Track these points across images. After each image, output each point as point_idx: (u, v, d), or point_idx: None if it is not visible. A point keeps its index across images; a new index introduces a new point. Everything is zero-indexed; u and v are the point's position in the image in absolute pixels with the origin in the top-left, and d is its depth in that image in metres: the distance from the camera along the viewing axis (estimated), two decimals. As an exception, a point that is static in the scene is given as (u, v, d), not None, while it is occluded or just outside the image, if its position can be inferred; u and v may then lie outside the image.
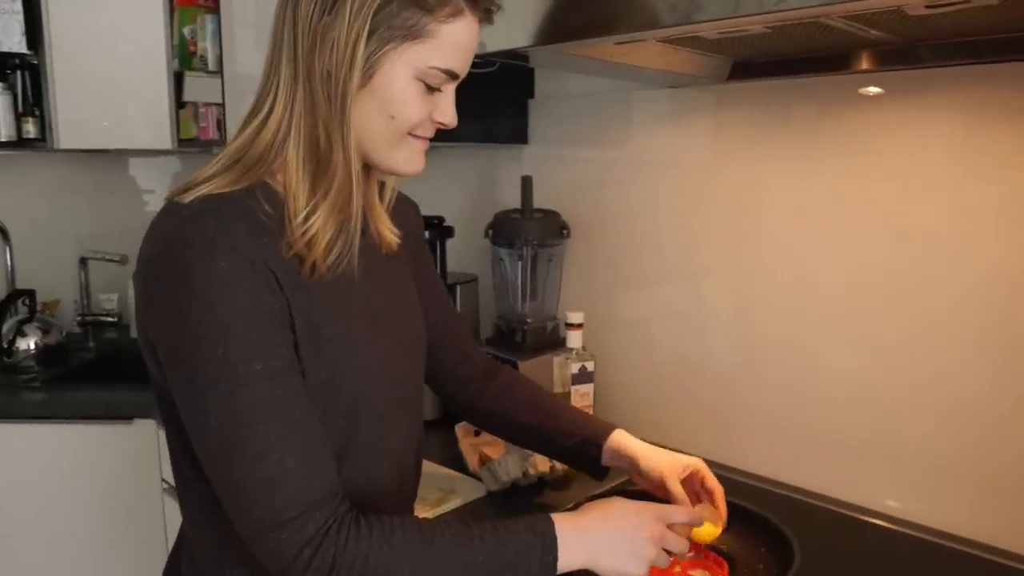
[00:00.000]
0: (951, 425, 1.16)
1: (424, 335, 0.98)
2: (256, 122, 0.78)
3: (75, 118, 2.10)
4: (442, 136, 1.62)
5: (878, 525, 1.21)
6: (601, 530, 0.80)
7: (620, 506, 0.84)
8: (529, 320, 1.58)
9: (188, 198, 0.73)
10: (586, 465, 1.10)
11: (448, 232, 1.67)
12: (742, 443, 1.42)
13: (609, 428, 1.09)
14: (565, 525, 0.78)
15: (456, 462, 1.39)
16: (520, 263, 1.55)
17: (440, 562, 0.73)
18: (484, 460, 1.31)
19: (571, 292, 1.64)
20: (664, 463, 1.02)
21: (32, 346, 2.12)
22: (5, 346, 2.10)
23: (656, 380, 1.55)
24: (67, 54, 2.07)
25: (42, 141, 2.14)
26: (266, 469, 0.69)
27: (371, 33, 0.73)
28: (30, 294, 2.19)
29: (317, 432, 0.74)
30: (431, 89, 0.78)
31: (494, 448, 1.32)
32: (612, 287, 1.60)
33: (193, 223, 0.70)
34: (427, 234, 1.64)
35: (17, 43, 2.05)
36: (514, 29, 1.00)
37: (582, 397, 1.39)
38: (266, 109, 0.77)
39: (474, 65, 1.49)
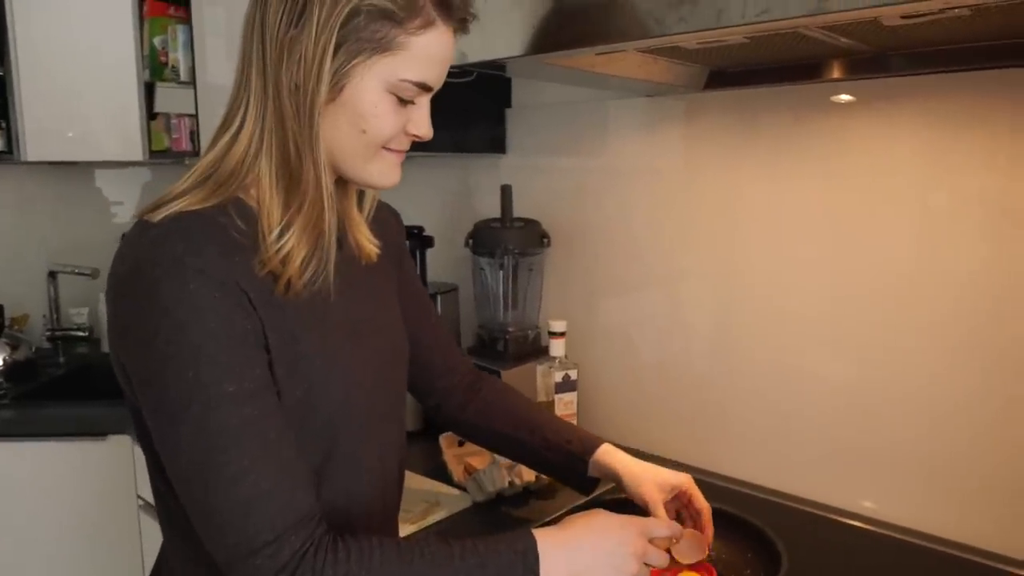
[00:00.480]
0: (937, 428, 1.18)
1: (405, 346, 0.97)
2: (227, 136, 0.76)
3: (43, 130, 2.07)
4: (420, 146, 1.62)
5: (862, 528, 1.22)
6: (583, 546, 0.78)
7: (602, 520, 0.82)
8: (511, 329, 1.58)
9: (158, 216, 0.71)
10: (572, 479, 1.10)
11: (428, 242, 1.67)
12: (724, 448, 1.43)
13: (596, 442, 1.08)
14: (547, 541, 0.77)
15: (440, 473, 1.39)
16: (501, 272, 1.55)
17: None
18: (469, 471, 1.30)
19: (552, 300, 1.65)
20: (647, 487, 0.99)
21: (0, 362, 2.07)
22: (-28, 363, 2.05)
23: (637, 387, 1.56)
24: (34, 65, 2.04)
25: (8, 153, 2.10)
26: (240, 492, 0.67)
27: (338, 46, 0.71)
28: (-3, 309, 2.14)
29: (292, 454, 0.72)
30: (403, 102, 0.76)
31: (479, 458, 1.32)
32: (592, 295, 1.61)
33: (162, 242, 0.69)
34: (407, 243, 1.63)
35: (-18, 55, 2.00)
36: (495, 39, 1.01)
37: (566, 405, 1.39)
38: (237, 123, 0.76)
39: (451, 75, 1.49)
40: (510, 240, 1.54)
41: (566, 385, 1.38)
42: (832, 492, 1.30)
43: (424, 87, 0.76)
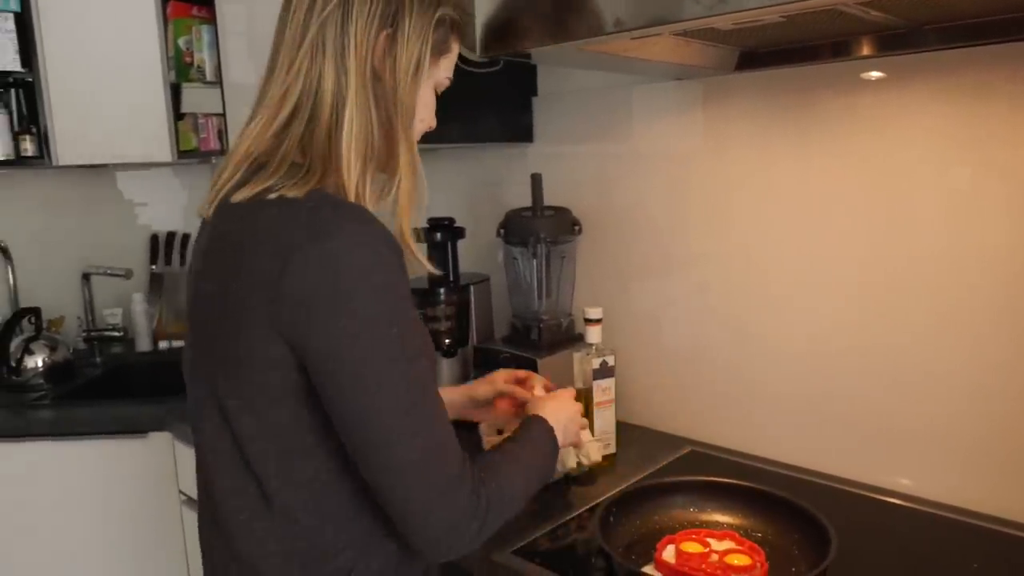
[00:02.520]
0: (974, 404, 1.17)
1: None
2: (300, 127, 0.80)
3: (72, 134, 2.09)
4: (448, 137, 1.63)
5: (902, 506, 1.22)
6: (560, 418, 1.06)
7: (556, 399, 1.12)
8: (544, 317, 1.58)
9: (299, 193, 0.76)
10: None
11: (459, 233, 1.67)
12: (763, 430, 1.43)
13: None
14: (547, 420, 1.02)
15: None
16: (534, 261, 1.55)
17: (522, 471, 0.90)
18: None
19: (583, 287, 1.65)
20: (487, 381, 1.27)
21: (40, 364, 2.11)
22: (13, 364, 2.08)
23: (672, 371, 1.56)
24: (61, 71, 2.06)
25: (40, 158, 2.13)
26: (438, 433, 0.77)
27: (427, 48, 0.84)
28: (35, 312, 2.17)
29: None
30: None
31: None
32: (624, 281, 1.61)
33: (341, 211, 0.75)
34: (438, 236, 1.64)
35: (11, 61, 2.03)
36: (529, 27, 1.01)
37: (604, 392, 1.39)
38: (310, 115, 0.80)
39: (478, 64, 1.49)
40: (542, 228, 1.54)
41: (604, 372, 1.38)
42: (869, 470, 1.29)
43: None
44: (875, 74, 1.22)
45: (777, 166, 1.35)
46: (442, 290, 1.64)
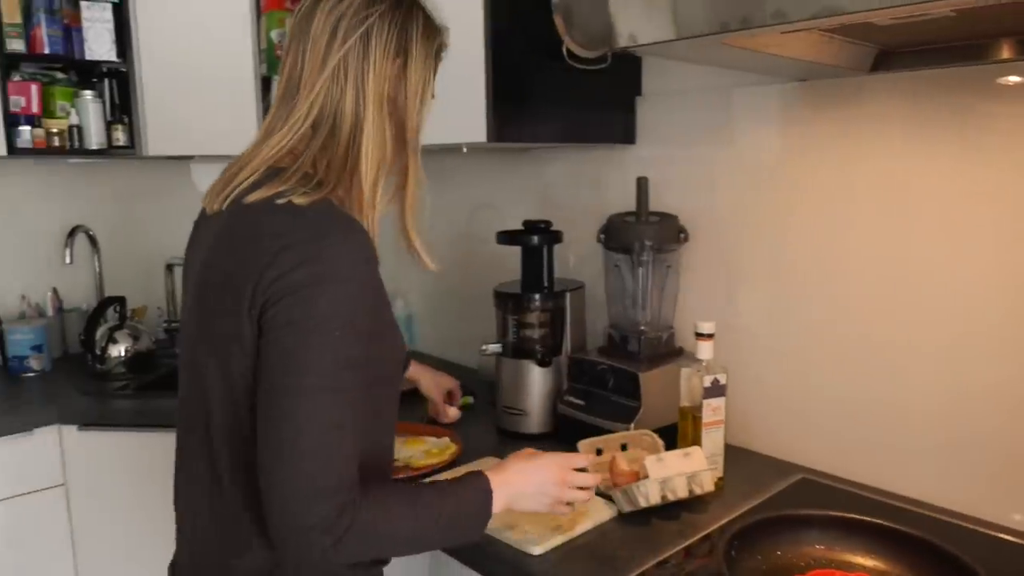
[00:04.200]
0: None
1: None
2: (320, 140, 0.91)
3: (163, 125, 2.09)
4: (547, 137, 1.56)
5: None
6: (519, 481, 1.00)
7: (531, 459, 1.04)
8: (644, 329, 1.50)
9: (303, 200, 0.85)
10: None
11: (556, 237, 1.60)
12: (888, 461, 1.32)
13: (408, 360, 1.38)
14: (494, 480, 0.97)
15: (577, 479, 1.32)
16: (639, 269, 1.47)
17: (419, 517, 0.88)
18: (617, 482, 1.23)
19: (688, 299, 1.56)
20: (433, 391, 1.66)
21: (123, 352, 2.12)
22: (98, 352, 2.10)
23: (782, 392, 1.46)
24: (155, 61, 2.06)
25: (131, 148, 2.14)
26: (329, 440, 0.80)
27: (433, 71, 0.98)
28: (120, 301, 2.19)
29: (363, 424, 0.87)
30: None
31: (626, 473, 1.24)
32: (732, 293, 1.51)
33: (326, 220, 0.84)
34: (535, 239, 1.58)
35: (107, 51, 2.04)
36: (673, 18, 0.93)
37: (714, 412, 1.30)
38: (329, 132, 0.91)
39: (583, 61, 1.42)
40: (647, 235, 1.46)
41: (715, 390, 1.29)
42: (1015, 512, 1.17)
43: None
44: (1013, 79, 1.12)
45: (917, 175, 1.24)
46: (536, 297, 1.57)
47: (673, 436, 1.37)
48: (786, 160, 1.41)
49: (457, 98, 1.45)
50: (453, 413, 1.65)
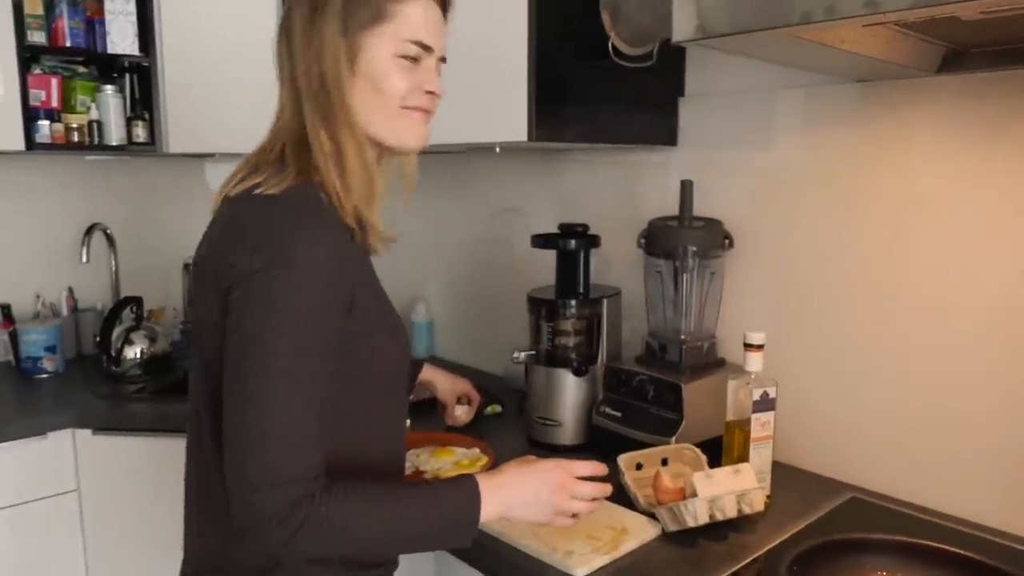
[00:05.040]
0: None
1: None
2: (275, 131, 0.92)
3: (185, 122, 2.05)
4: (586, 138, 1.50)
5: None
6: (514, 487, 0.94)
7: (530, 464, 0.98)
8: (685, 338, 1.44)
9: (274, 190, 0.85)
10: None
11: (594, 241, 1.54)
12: (945, 482, 1.26)
13: (418, 366, 1.48)
14: (485, 484, 0.91)
15: (619, 496, 1.26)
16: (683, 276, 1.41)
17: (392, 518, 0.85)
18: (661, 500, 1.17)
19: (732, 308, 1.50)
20: (447, 394, 1.57)
21: (138, 354, 2.07)
22: (113, 354, 2.04)
23: (832, 407, 1.39)
24: (178, 57, 2.02)
25: (151, 145, 2.09)
26: (277, 430, 0.79)
27: (346, 26, 0.87)
28: (137, 301, 2.14)
29: (321, 417, 0.82)
30: (411, 61, 0.91)
31: (671, 490, 1.18)
32: (779, 303, 1.45)
33: (291, 213, 0.83)
34: (572, 243, 1.52)
35: (130, 45, 2.00)
36: (741, 6, 0.87)
37: (763, 427, 1.24)
38: (283, 121, 0.91)
39: (628, 59, 1.36)
40: (691, 240, 1.40)
41: (764, 404, 1.23)
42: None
43: (423, 46, 0.91)
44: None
45: (978, 181, 1.18)
46: (572, 303, 1.51)
47: (715, 451, 1.31)
48: (839, 165, 1.35)
49: (495, 96, 1.40)
50: (460, 413, 1.58)
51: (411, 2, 0.90)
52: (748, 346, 1.24)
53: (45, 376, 2.06)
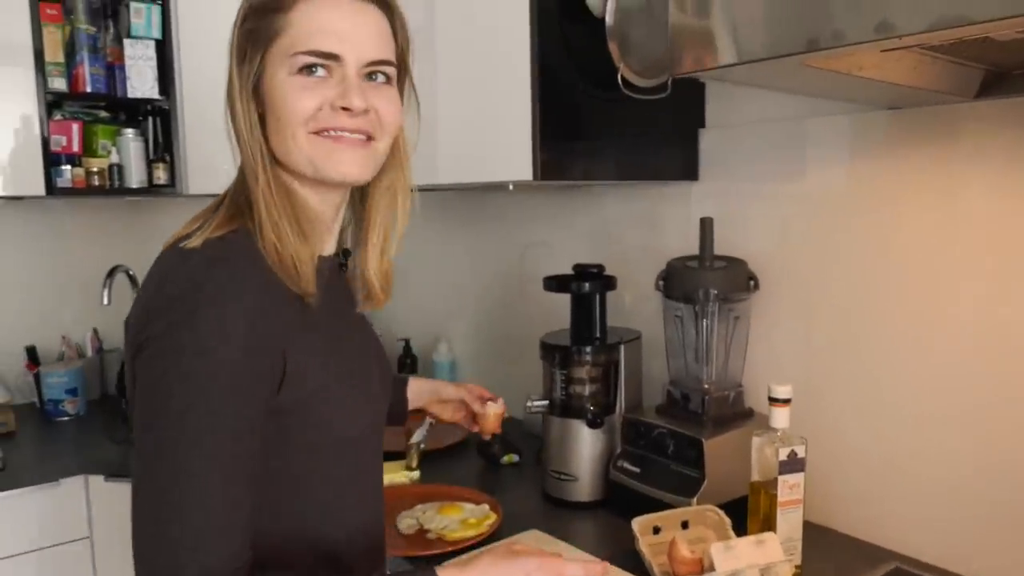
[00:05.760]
0: None
1: (391, 376, 1.02)
2: (236, 172, 0.83)
3: (204, 163, 2.04)
4: (601, 173, 1.43)
5: None
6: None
7: (511, 558, 0.82)
8: (708, 387, 1.34)
9: (196, 243, 0.74)
10: (394, 421, 1.19)
11: (609, 283, 1.45)
12: (1004, 551, 1.12)
13: (404, 379, 1.25)
14: (447, 573, 0.78)
15: (630, 561, 1.16)
16: (703, 321, 1.31)
17: None
18: (678, 570, 1.07)
19: (759, 355, 1.39)
20: (456, 385, 1.29)
21: (158, 399, 2.04)
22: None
23: (871, 466, 1.27)
24: (197, 100, 2.01)
25: (171, 187, 2.08)
26: (189, 519, 0.69)
27: (242, 55, 0.78)
28: (157, 344, 2.11)
29: (244, 500, 0.73)
30: (311, 74, 0.78)
31: (685, 560, 1.07)
32: (810, 349, 1.34)
33: (204, 270, 0.72)
34: (586, 286, 1.43)
35: (150, 89, 2.00)
36: (750, 37, 0.79)
37: (791, 490, 1.12)
38: (238, 160, 0.82)
39: (640, 91, 1.28)
40: (712, 282, 1.30)
41: (792, 465, 1.12)
42: None
43: (323, 55, 0.77)
44: None
45: (1031, 217, 1.07)
46: (587, 349, 1.42)
47: (742, 512, 1.19)
48: (872, 199, 1.24)
49: (500, 133, 1.34)
50: (493, 411, 1.27)
51: (303, 5, 0.77)
52: (773, 400, 1.13)
53: (67, 419, 2.05)
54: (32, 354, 2.16)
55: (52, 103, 1.92)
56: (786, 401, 1.12)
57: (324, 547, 0.84)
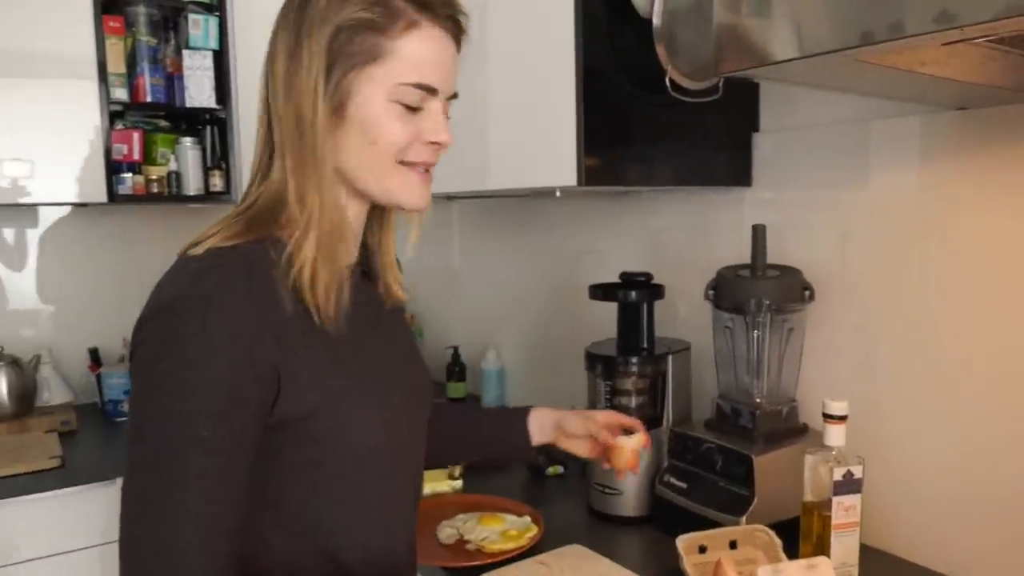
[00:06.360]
0: None
1: (431, 386, 0.98)
2: (259, 180, 0.80)
3: (259, 170, 2.07)
4: (649, 180, 1.39)
5: None
6: None
7: None
8: (760, 401, 1.28)
9: (199, 251, 0.73)
10: (518, 454, 1.17)
11: (657, 292, 1.41)
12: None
13: (526, 409, 1.13)
14: None
15: (674, 581, 1.12)
16: (754, 332, 1.25)
17: None
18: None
19: (813, 368, 1.32)
20: (584, 416, 1.12)
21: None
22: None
23: (939, 488, 1.19)
24: (254, 109, 2.04)
25: (226, 194, 2.13)
26: (163, 536, 0.68)
27: (330, 67, 0.74)
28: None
29: (229, 521, 0.71)
30: (411, 109, 0.77)
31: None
32: (869, 364, 1.27)
33: (196, 279, 0.71)
34: (633, 294, 1.39)
35: (207, 98, 2.05)
36: (809, 32, 0.74)
37: (846, 512, 1.06)
38: (264, 166, 0.79)
39: (690, 94, 1.24)
40: (765, 292, 1.24)
41: (848, 485, 1.06)
42: None
43: (426, 88, 0.77)
44: None
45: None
46: (633, 360, 1.38)
47: (794, 533, 1.13)
48: (939, 205, 1.17)
49: (546, 138, 1.31)
50: (629, 444, 1.09)
51: (411, 36, 0.75)
52: (828, 417, 1.07)
53: (125, 419, 2.10)
54: (95, 355, 2.22)
55: (114, 113, 1.98)
56: (842, 418, 1.06)
57: (337, 566, 0.81)
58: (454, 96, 0.82)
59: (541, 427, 1.12)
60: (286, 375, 0.72)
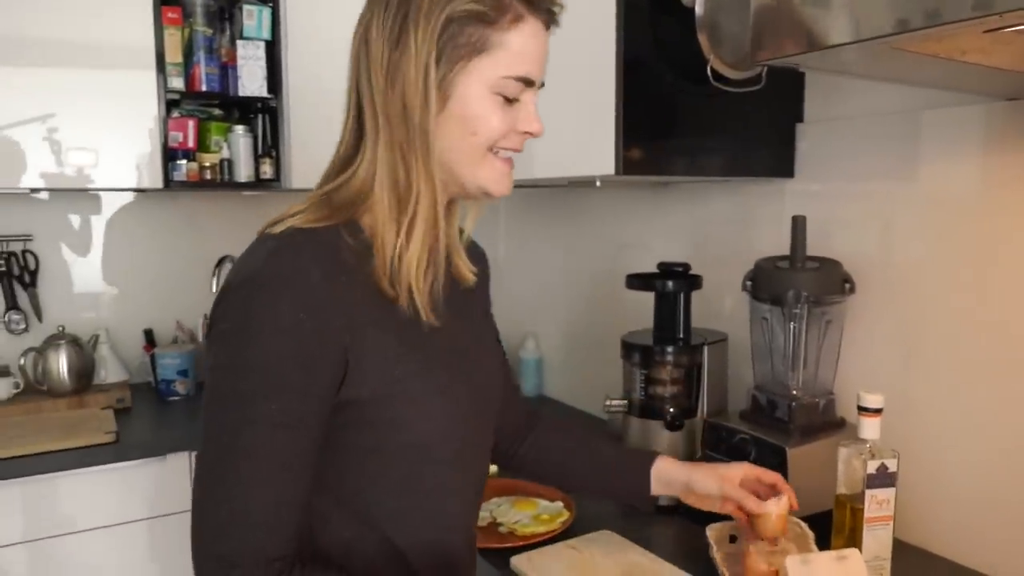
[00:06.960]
0: None
1: (500, 376, 0.98)
2: (343, 166, 0.80)
3: (307, 158, 2.12)
4: (691, 170, 1.39)
5: None
6: None
7: None
8: (797, 393, 1.27)
9: (278, 229, 0.75)
10: (634, 499, 1.12)
11: (695, 283, 1.41)
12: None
13: (651, 456, 1.10)
14: None
15: (704, 570, 1.12)
16: (791, 324, 1.25)
17: None
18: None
19: (852, 361, 1.31)
20: (717, 475, 1.04)
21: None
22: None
23: (977, 486, 1.17)
24: (302, 97, 2.10)
25: (276, 181, 2.18)
26: (233, 508, 0.70)
27: (439, 58, 0.74)
28: (259, 331, 2.22)
29: (298, 493, 0.74)
30: (509, 101, 0.78)
31: (760, 573, 1.03)
32: (908, 358, 1.25)
33: (272, 257, 0.73)
34: (670, 284, 1.40)
35: (259, 88, 2.10)
36: (864, 18, 0.74)
37: (880, 505, 1.05)
38: (351, 152, 0.80)
39: (732, 84, 1.24)
40: (803, 284, 1.23)
41: (882, 479, 1.05)
42: None
43: (526, 81, 0.78)
44: None
45: None
46: (669, 349, 1.38)
47: (827, 526, 1.13)
48: (987, 198, 1.14)
49: (585, 127, 1.32)
50: (775, 510, 1.01)
51: (516, 28, 0.75)
52: (862, 409, 1.06)
53: (177, 398, 2.18)
54: (149, 336, 2.31)
55: (170, 101, 2.05)
56: (877, 411, 1.06)
57: (391, 553, 0.82)
58: (542, 85, 0.82)
59: (667, 481, 1.07)
60: (353, 358, 0.74)
